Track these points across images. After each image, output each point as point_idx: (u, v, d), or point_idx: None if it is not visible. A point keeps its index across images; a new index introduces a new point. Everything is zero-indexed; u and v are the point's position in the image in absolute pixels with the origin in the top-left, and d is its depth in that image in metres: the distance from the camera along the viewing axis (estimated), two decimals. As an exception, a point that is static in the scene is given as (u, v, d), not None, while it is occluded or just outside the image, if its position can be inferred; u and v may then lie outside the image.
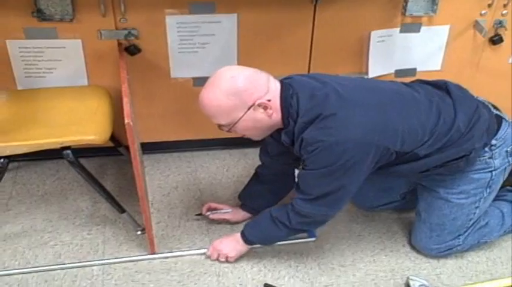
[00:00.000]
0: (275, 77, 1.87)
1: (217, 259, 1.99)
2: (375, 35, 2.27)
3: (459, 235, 1.98)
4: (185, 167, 2.49)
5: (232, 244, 1.97)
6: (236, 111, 1.68)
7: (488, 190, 1.90)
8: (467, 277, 1.96)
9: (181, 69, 2.26)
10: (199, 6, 2.11)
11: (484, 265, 2.02)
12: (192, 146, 2.58)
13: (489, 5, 2.30)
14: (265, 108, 1.68)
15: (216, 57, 2.25)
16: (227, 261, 1.98)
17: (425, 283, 1.89)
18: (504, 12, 2.32)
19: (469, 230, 1.98)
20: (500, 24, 2.34)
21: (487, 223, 2.02)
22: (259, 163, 2.09)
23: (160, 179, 2.41)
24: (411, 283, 1.90)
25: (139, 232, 2.09)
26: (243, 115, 1.68)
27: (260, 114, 1.69)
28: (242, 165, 2.52)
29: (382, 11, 2.26)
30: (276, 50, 2.28)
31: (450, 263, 2.01)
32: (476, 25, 2.32)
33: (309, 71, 2.36)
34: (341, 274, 1.97)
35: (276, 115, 1.70)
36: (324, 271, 1.98)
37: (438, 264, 2.01)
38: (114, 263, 1.97)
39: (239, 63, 2.27)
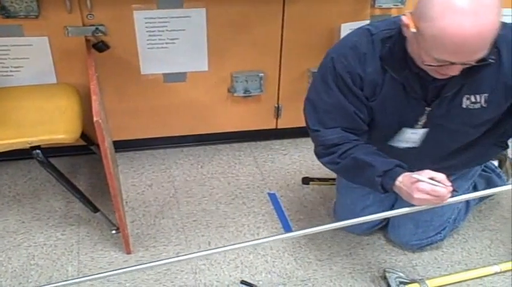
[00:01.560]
0: (249, 71, 1.90)
1: None
2: (345, 27, 2.26)
3: (442, 230, 1.98)
4: (159, 164, 2.47)
5: None
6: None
7: (471, 182, 1.91)
8: (443, 268, 1.97)
9: (151, 65, 2.24)
10: (167, 1, 2.09)
11: (459, 255, 2.03)
12: (165, 143, 2.56)
13: None
14: None
15: (186, 53, 2.23)
16: None
17: (402, 275, 1.89)
18: None
19: (450, 224, 1.99)
20: None
21: (459, 211, 2.03)
22: (233, 159, 2.05)
23: (134, 177, 2.38)
24: (388, 275, 1.89)
25: (114, 231, 2.07)
26: None
27: None
28: (216, 161, 2.51)
29: (351, 4, 2.25)
30: (247, 44, 2.27)
31: (426, 255, 2.02)
32: None
33: (280, 64, 2.36)
34: (318, 268, 1.96)
35: None
36: (301, 266, 1.97)
37: (414, 256, 2.01)
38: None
39: (209, 58, 2.26)
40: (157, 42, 2.18)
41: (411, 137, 1.68)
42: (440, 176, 1.44)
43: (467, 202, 2.06)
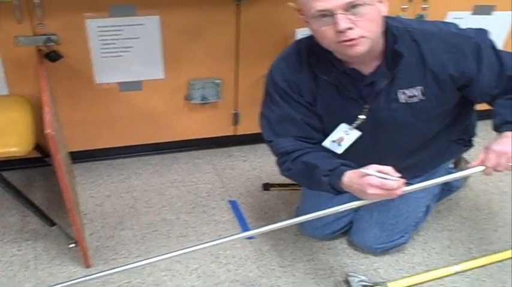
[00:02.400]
0: (206, 78, 1.86)
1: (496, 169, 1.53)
2: (300, 33, 2.26)
3: (406, 233, 1.99)
4: (117, 174, 2.44)
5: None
6: None
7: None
8: (405, 269, 1.98)
9: (105, 74, 2.20)
10: (119, 9, 2.06)
11: (419, 256, 2.04)
12: (123, 153, 2.52)
13: (410, 0, 2.34)
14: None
15: (141, 61, 2.21)
16: None
17: (364, 278, 1.90)
18: (424, 6, 2.36)
19: (413, 227, 2.01)
20: (421, 18, 2.37)
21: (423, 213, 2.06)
22: (192, 167, 2.03)
23: (92, 189, 2.34)
24: (350, 279, 1.90)
25: (72, 245, 2.02)
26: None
27: (383, 12, 1.49)
28: (175, 170, 2.48)
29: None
30: (203, 51, 2.25)
31: (387, 257, 2.03)
32: None
33: (237, 70, 2.35)
34: (281, 275, 1.96)
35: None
36: (264, 273, 1.96)
37: (375, 259, 2.02)
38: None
39: (165, 66, 2.24)
40: (111, 50, 2.15)
41: (343, 137, 1.70)
42: (387, 169, 1.45)
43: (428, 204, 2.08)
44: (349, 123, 1.68)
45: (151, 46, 2.18)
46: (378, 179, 1.43)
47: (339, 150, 1.69)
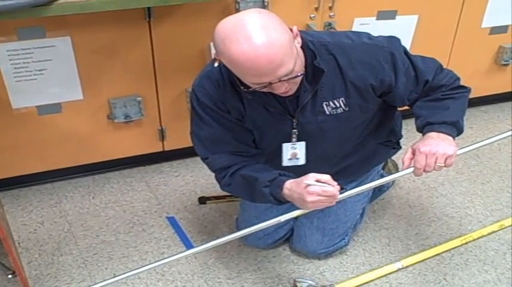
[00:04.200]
0: (127, 96, 1.80)
1: (434, 167, 1.56)
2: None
3: (346, 235, 2.03)
4: (48, 199, 2.36)
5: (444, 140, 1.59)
6: (292, 44, 1.41)
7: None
8: (349, 270, 2.02)
9: (22, 98, 2.14)
10: (28, 31, 2.00)
11: (362, 257, 2.08)
12: (51, 177, 2.45)
13: (316, 9, 2.37)
14: (296, 36, 1.48)
15: (57, 83, 2.16)
16: (445, 166, 1.56)
17: (312, 283, 1.92)
18: (332, 14, 2.40)
19: (352, 229, 2.05)
20: (330, 26, 2.41)
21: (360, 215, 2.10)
22: (125, 186, 1.98)
23: (23, 216, 2.25)
24: (298, 285, 1.91)
25: (10, 276, 1.94)
26: (296, 49, 1.44)
27: (297, 44, 1.47)
28: (108, 190, 2.43)
29: (218, 22, 2.20)
30: (120, 69, 2.22)
31: (331, 260, 2.06)
32: (309, 29, 2.36)
33: (156, 86, 2.33)
34: (229, 287, 1.97)
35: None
36: (212, 287, 1.96)
37: (320, 263, 2.05)
38: None
39: (83, 85, 2.20)
40: (24, 74, 2.09)
41: (295, 152, 1.72)
42: (325, 177, 1.48)
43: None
44: (287, 139, 1.70)
45: (65, 67, 2.13)
46: (318, 187, 1.46)
47: (301, 161, 1.73)
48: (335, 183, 1.48)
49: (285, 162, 1.73)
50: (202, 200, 2.34)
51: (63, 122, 2.26)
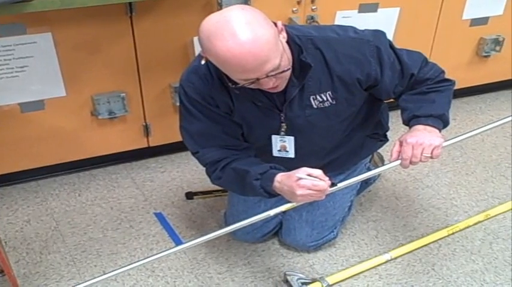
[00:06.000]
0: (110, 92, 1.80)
1: (420, 158, 1.57)
2: (197, 40, 2.22)
3: (335, 228, 2.04)
4: (33, 197, 2.33)
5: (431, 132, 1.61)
6: (278, 39, 1.41)
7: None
8: (339, 263, 2.03)
9: (3, 95, 2.12)
10: (8, 28, 1.98)
11: (350, 249, 2.10)
12: (36, 175, 2.42)
13: (298, 2, 2.37)
14: (281, 31, 1.47)
15: (40, 80, 2.14)
16: (432, 157, 1.58)
17: (302, 276, 1.93)
18: (314, 7, 2.41)
19: (340, 221, 2.06)
20: (312, 19, 2.41)
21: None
22: (111, 183, 1.96)
23: (8, 215, 2.23)
24: (289, 278, 1.92)
25: (-2, 275, 1.93)
26: (281, 44, 1.44)
27: (283, 39, 1.46)
28: (94, 187, 2.41)
29: (200, 16, 2.19)
30: (101, 64, 2.21)
31: (320, 253, 2.07)
32: (291, 23, 2.36)
33: (140, 82, 2.31)
34: (220, 282, 1.95)
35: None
36: (203, 282, 1.94)
37: (309, 256, 2.06)
38: None
39: (65, 82, 2.18)
40: (5, 71, 2.07)
41: (284, 144, 1.74)
42: (317, 172, 1.49)
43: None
44: (275, 132, 1.71)
45: (47, 64, 2.11)
46: (309, 181, 1.47)
47: (291, 155, 1.74)
48: (327, 178, 1.49)
49: (275, 153, 1.74)
50: (190, 196, 2.34)
51: (46, 119, 2.24)
